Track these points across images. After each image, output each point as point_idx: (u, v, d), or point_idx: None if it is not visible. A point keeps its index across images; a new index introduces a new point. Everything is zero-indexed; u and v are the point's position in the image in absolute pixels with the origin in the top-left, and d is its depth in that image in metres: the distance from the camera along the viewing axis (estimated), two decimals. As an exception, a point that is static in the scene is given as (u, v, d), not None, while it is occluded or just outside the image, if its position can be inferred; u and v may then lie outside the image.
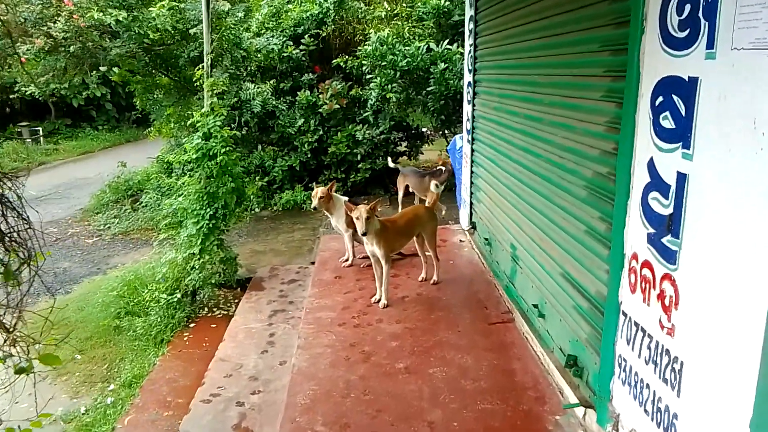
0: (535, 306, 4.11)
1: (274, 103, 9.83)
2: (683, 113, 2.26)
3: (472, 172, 6.19)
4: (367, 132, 9.55)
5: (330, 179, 10.11)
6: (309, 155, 9.84)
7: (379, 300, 5.13)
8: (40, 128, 17.74)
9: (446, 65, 8.80)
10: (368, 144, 9.63)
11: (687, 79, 2.23)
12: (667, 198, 2.39)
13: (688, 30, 2.22)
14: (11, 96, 16.40)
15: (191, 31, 8.94)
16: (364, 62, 9.32)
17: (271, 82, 9.96)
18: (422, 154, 10.58)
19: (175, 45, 9.48)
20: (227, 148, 6.21)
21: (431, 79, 8.86)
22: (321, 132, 9.81)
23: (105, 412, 4.92)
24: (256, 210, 9.95)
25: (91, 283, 7.55)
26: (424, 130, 11.07)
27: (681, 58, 2.27)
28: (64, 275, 8.01)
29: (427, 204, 5.62)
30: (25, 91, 9.60)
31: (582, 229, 3.31)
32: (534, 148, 4.11)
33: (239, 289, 6.90)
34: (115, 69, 9.76)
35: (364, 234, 4.85)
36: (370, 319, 4.86)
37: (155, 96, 10.27)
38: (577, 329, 3.41)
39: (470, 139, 6.18)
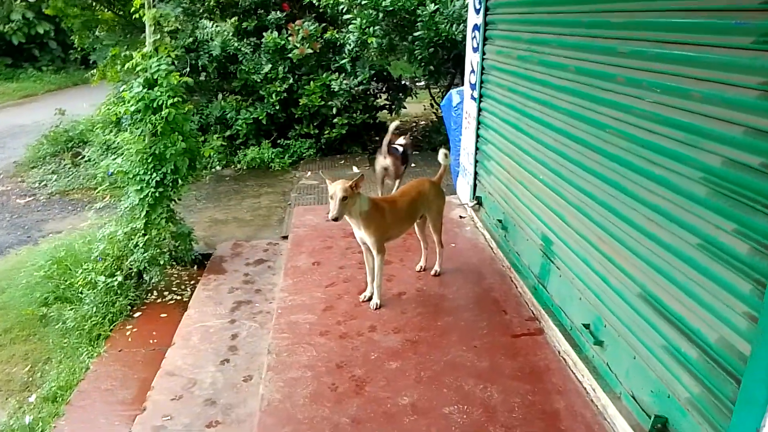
0: (586, 327, 3.04)
1: (236, 45, 8.33)
2: None
3: (478, 135, 5.00)
4: (344, 82, 8.19)
5: (301, 135, 8.81)
6: (277, 107, 8.44)
7: (370, 298, 4.01)
8: (-25, 68, 15.67)
9: (436, 6, 7.46)
10: (345, 96, 8.28)
11: None
12: None
13: None
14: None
15: (136, -45, 7.32)
16: (340, 0, 7.89)
17: (233, 20, 8.46)
18: (405, 108, 9.30)
19: (118, -29, 7.88)
20: (176, 99, 4.86)
21: (419, 23, 7.52)
22: (291, 80, 8.40)
23: (20, 438, 3.76)
24: (217, 168, 8.61)
25: (18, 255, 6.20)
26: (404, 81, 9.75)
27: None
28: (-14, 244, 6.63)
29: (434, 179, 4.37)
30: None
31: (692, 242, 2.20)
32: (594, 116, 2.94)
33: (196, 267, 5.68)
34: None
35: (335, 219, 3.59)
36: (360, 326, 3.73)
37: (97, 33, 8.66)
38: (670, 381, 2.35)
39: (476, 95, 4.97)
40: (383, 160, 5.73)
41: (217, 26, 8.32)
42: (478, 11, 4.90)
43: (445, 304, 3.97)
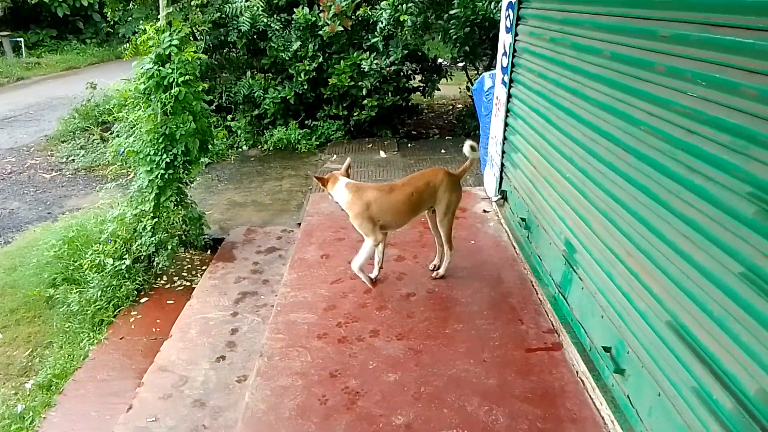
0: (607, 350, 2.68)
1: (266, 21, 8.07)
2: None
3: (506, 124, 4.61)
4: (375, 62, 7.84)
5: (330, 116, 8.53)
6: (306, 86, 8.18)
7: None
8: (21, 39, 15.80)
9: (475, -17, 7.03)
10: (376, 76, 7.94)
11: None
12: None
13: None
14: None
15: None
16: (374, -26, 7.54)
17: (264, -6, 8.20)
18: (438, 90, 8.89)
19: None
20: (187, 77, 4.64)
21: (455, 1, 7.10)
22: (320, 59, 8.10)
23: (10, 429, 3.64)
24: (244, 148, 8.43)
25: (36, 232, 6.16)
26: (441, 61, 9.32)
27: None
28: (9, 219, 6.62)
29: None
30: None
31: (733, 270, 1.82)
32: (627, 109, 2.55)
33: (209, 251, 5.51)
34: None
35: None
36: (362, 330, 3.45)
37: (129, 5, 8.52)
38: (699, 430, 1.99)
39: (507, 80, 4.57)
40: None
41: (246, 1, 8.07)
42: (512, -13, 4.48)
43: (458, 308, 3.64)
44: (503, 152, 4.69)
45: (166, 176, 4.77)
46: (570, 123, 3.22)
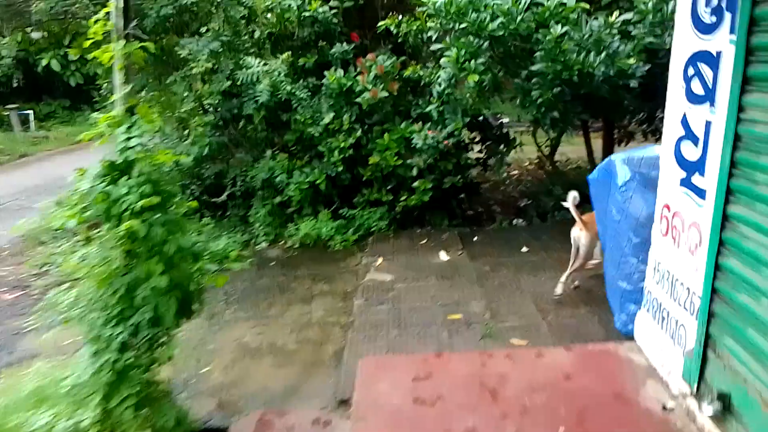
0: None
1: (289, 88, 6.15)
2: None
3: (718, 266, 2.48)
4: (431, 135, 5.84)
5: (370, 201, 6.51)
6: (340, 168, 6.20)
7: None
8: (30, 112, 14.24)
9: (564, 29, 5.01)
10: (431, 151, 5.93)
11: None
12: None
13: None
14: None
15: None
16: (429, 24, 5.61)
17: (286, 55, 6.32)
18: (508, 165, 6.82)
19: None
20: (154, 198, 2.65)
21: (538, 52, 5.09)
22: (359, 132, 6.15)
23: None
24: (263, 245, 6.44)
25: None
26: (505, 129, 7.24)
27: None
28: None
29: None
30: None
31: None
32: None
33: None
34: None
35: None
36: None
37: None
38: None
39: (711, 186, 2.47)
40: None
41: (265, 64, 6.21)
42: (710, 28, 2.45)
43: None
44: (711, 314, 2.54)
45: (123, 364, 2.73)
46: None
